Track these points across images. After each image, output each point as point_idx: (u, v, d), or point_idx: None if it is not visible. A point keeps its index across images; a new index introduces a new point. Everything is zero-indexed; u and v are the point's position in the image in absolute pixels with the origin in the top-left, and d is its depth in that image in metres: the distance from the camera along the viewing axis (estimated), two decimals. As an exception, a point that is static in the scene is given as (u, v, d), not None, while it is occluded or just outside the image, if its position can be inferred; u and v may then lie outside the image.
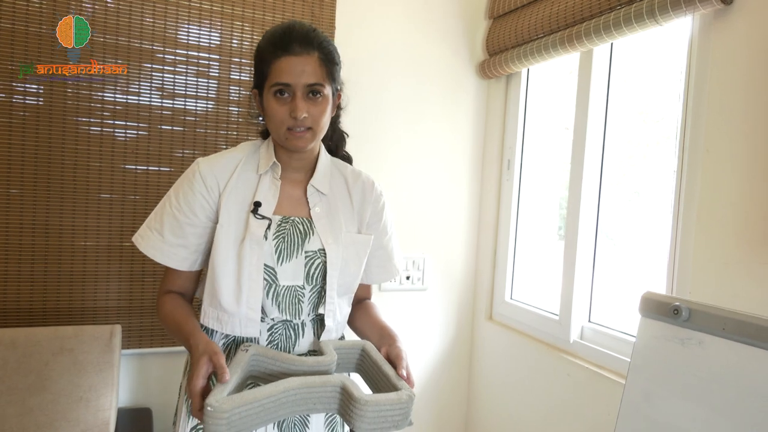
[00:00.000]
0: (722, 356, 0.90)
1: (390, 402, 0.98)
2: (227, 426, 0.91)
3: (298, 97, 1.06)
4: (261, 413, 0.94)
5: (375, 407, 0.96)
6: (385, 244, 1.27)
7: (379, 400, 0.97)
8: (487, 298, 2.27)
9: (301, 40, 1.06)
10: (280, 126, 1.08)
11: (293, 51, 1.05)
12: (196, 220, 1.12)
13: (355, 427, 0.97)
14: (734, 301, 1.26)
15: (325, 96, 1.09)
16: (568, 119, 1.94)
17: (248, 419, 0.93)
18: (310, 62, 1.06)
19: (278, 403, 0.96)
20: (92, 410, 1.60)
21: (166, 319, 1.12)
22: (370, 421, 0.96)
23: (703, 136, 1.38)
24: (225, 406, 0.90)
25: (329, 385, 1.00)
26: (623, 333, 1.67)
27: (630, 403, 1.02)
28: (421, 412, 2.28)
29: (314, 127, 1.09)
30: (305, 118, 1.06)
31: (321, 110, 1.09)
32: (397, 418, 0.98)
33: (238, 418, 0.91)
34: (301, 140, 1.09)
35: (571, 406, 1.76)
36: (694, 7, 1.32)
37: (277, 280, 1.11)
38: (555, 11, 1.79)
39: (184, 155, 1.84)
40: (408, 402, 0.99)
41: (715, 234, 1.33)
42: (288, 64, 1.05)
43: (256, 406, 0.93)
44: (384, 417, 0.97)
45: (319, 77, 1.07)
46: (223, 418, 0.90)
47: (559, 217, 2.20)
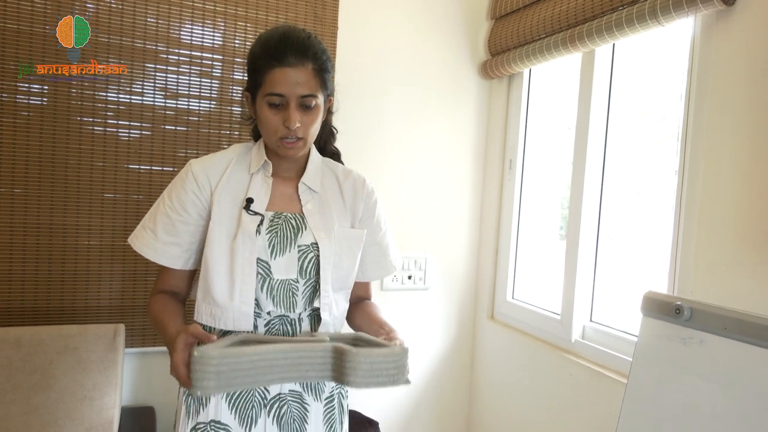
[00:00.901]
0: (723, 355, 0.90)
1: (382, 354, 0.95)
2: (216, 375, 0.88)
3: (291, 107, 1.08)
4: (251, 371, 0.91)
5: (367, 358, 0.94)
6: (379, 240, 1.29)
7: (371, 351, 0.95)
8: (489, 298, 2.28)
9: (297, 50, 1.07)
10: (273, 134, 1.11)
11: (288, 63, 1.06)
12: (189, 218, 1.15)
13: (349, 381, 0.94)
14: (736, 300, 1.26)
15: (317, 105, 1.12)
16: (570, 119, 1.95)
17: (239, 374, 0.90)
18: (305, 74, 1.08)
19: (269, 363, 0.93)
20: (96, 409, 1.61)
21: (153, 318, 1.14)
22: (363, 373, 0.93)
23: (704, 136, 1.39)
24: (213, 352, 0.87)
25: (320, 349, 0.97)
26: (625, 332, 1.67)
27: (632, 402, 1.02)
28: (423, 410, 2.29)
29: (305, 136, 1.12)
30: (298, 128, 1.09)
31: (313, 119, 1.12)
32: (392, 371, 0.96)
33: (228, 369, 0.88)
34: (292, 149, 1.12)
35: (573, 405, 1.77)
36: (696, 7, 1.33)
37: (271, 273, 1.13)
38: (557, 12, 1.79)
39: (188, 155, 1.85)
40: (401, 354, 0.97)
41: (717, 234, 1.34)
42: (282, 76, 1.07)
43: (245, 361, 0.90)
44: (378, 370, 0.94)
45: (312, 88, 1.09)
46: (211, 365, 0.87)
47: (560, 216, 2.20)
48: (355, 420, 1.94)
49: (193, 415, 1.12)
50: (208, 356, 0.87)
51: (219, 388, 0.90)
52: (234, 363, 0.89)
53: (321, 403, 1.18)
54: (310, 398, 1.16)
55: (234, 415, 1.11)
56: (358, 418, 1.98)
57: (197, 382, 0.88)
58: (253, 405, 1.12)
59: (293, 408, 1.14)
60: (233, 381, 0.90)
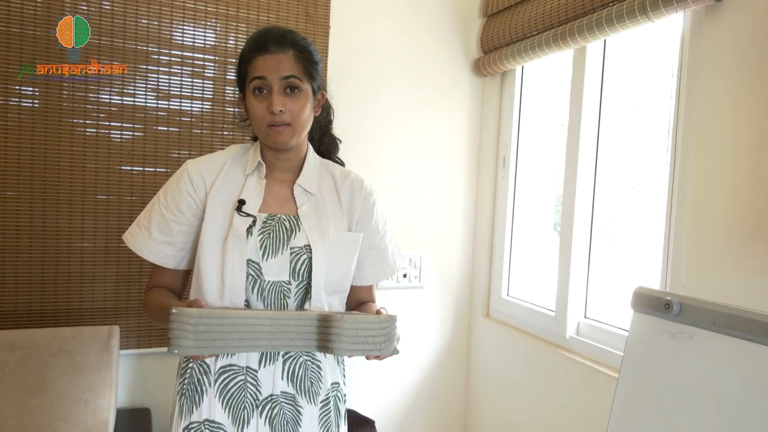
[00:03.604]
0: (713, 349, 0.90)
1: (369, 320, 0.93)
2: (194, 335, 0.86)
3: (274, 91, 1.10)
4: (232, 334, 0.89)
5: (352, 323, 0.92)
6: (377, 243, 1.27)
7: (357, 317, 0.93)
8: (484, 295, 2.28)
9: (276, 39, 1.11)
10: (261, 123, 1.12)
11: (269, 50, 1.10)
12: (183, 218, 1.15)
13: (334, 348, 0.92)
14: (727, 295, 1.27)
15: (303, 91, 1.12)
16: (564, 116, 1.95)
17: (218, 336, 0.88)
18: (285, 59, 1.10)
19: (252, 329, 0.91)
20: (91, 411, 1.60)
21: (149, 308, 1.15)
22: (348, 339, 0.91)
23: (695, 132, 1.39)
24: (192, 311, 0.85)
25: (306, 317, 0.96)
26: (619, 328, 1.68)
27: (623, 397, 1.03)
28: (419, 408, 2.29)
29: (293, 122, 1.12)
30: (282, 112, 1.09)
31: (299, 105, 1.12)
32: (378, 338, 0.94)
33: (207, 329, 0.86)
34: (280, 135, 1.11)
35: (568, 401, 1.77)
36: (686, 3, 1.33)
37: (262, 275, 1.12)
38: (548, 8, 1.79)
39: (180, 156, 1.85)
40: (389, 322, 0.95)
41: (708, 229, 1.34)
42: (263, 61, 1.10)
43: (226, 323, 0.88)
44: (364, 336, 0.92)
45: (294, 71, 1.11)
46: (189, 323, 0.85)
47: (555, 213, 2.21)
48: (352, 419, 1.94)
49: (186, 415, 1.12)
50: (186, 314, 0.85)
51: (197, 348, 0.87)
52: (214, 324, 0.87)
53: (316, 406, 1.16)
54: (304, 401, 1.15)
55: (227, 414, 1.10)
56: (354, 416, 1.98)
57: (174, 340, 0.86)
58: (246, 405, 1.11)
59: (286, 410, 1.13)
60: (212, 343, 0.88)
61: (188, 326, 0.86)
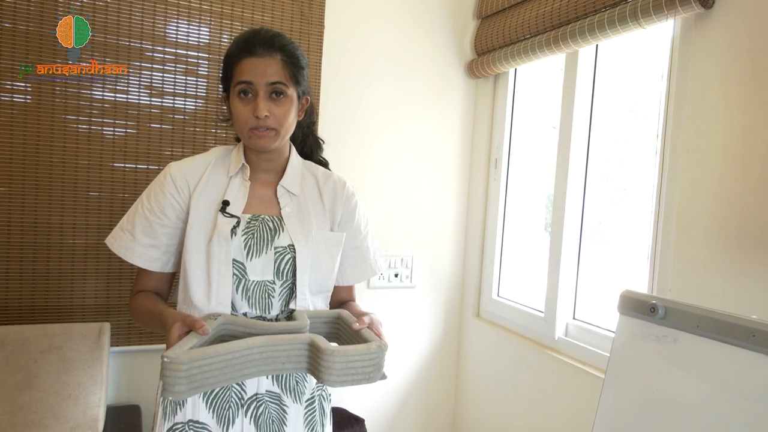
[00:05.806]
0: (696, 353, 0.92)
1: (359, 352, 0.94)
2: (187, 379, 0.86)
3: (260, 96, 1.09)
4: (224, 369, 0.90)
5: (343, 357, 0.93)
6: (358, 244, 1.29)
7: (348, 350, 0.94)
8: (475, 296, 2.30)
9: (265, 43, 1.10)
10: (244, 126, 1.11)
11: (256, 53, 1.09)
12: (167, 220, 1.15)
13: (324, 379, 0.93)
14: (713, 299, 1.29)
15: (288, 96, 1.12)
16: (556, 118, 1.97)
17: (210, 374, 0.89)
18: (273, 63, 1.10)
19: (243, 359, 0.92)
20: (81, 407, 1.60)
21: (137, 312, 1.15)
22: (338, 372, 0.93)
23: (683, 136, 1.41)
24: (183, 357, 0.85)
25: (297, 342, 0.96)
26: (607, 330, 1.70)
27: (609, 397, 1.04)
28: (409, 407, 2.31)
29: (277, 128, 1.12)
30: (267, 117, 1.09)
31: (284, 111, 1.12)
32: (367, 369, 0.95)
33: (199, 371, 0.87)
34: (263, 140, 1.12)
35: (556, 401, 1.79)
36: (676, 10, 1.35)
37: (247, 275, 1.13)
38: (541, 12, 1.81)
39: (173, 153, 1.85)
40: (378, 352, 0.96)
41: (695, 234, 1.36)
42: (250, 65, 1.09)
43: (218, 360, 0.89)
44: (353, 368, 0.94)
45: (281, 77, 1.10)
46: (181, 370, 0.85)
47: (546, 215, 2.22)
48: (341, 417, 1.95)
49: (170, 416, 1.11)
50: (177, 362, 0.85)
51: (192, 390, 0.88)
52: (206, 365, 0.88)
53: (301, 405, 1.17)
54: (289, 400, 1.15)
55: (212, 414, 1.11)
56: (344, 415, 1.99)
57: (168, 387, 0.86)
58: (230, 405, 1.11)
59: (271, 409, 1.14)
60: (206, 381, 0.89)
61: (180, 373, 0.86)
